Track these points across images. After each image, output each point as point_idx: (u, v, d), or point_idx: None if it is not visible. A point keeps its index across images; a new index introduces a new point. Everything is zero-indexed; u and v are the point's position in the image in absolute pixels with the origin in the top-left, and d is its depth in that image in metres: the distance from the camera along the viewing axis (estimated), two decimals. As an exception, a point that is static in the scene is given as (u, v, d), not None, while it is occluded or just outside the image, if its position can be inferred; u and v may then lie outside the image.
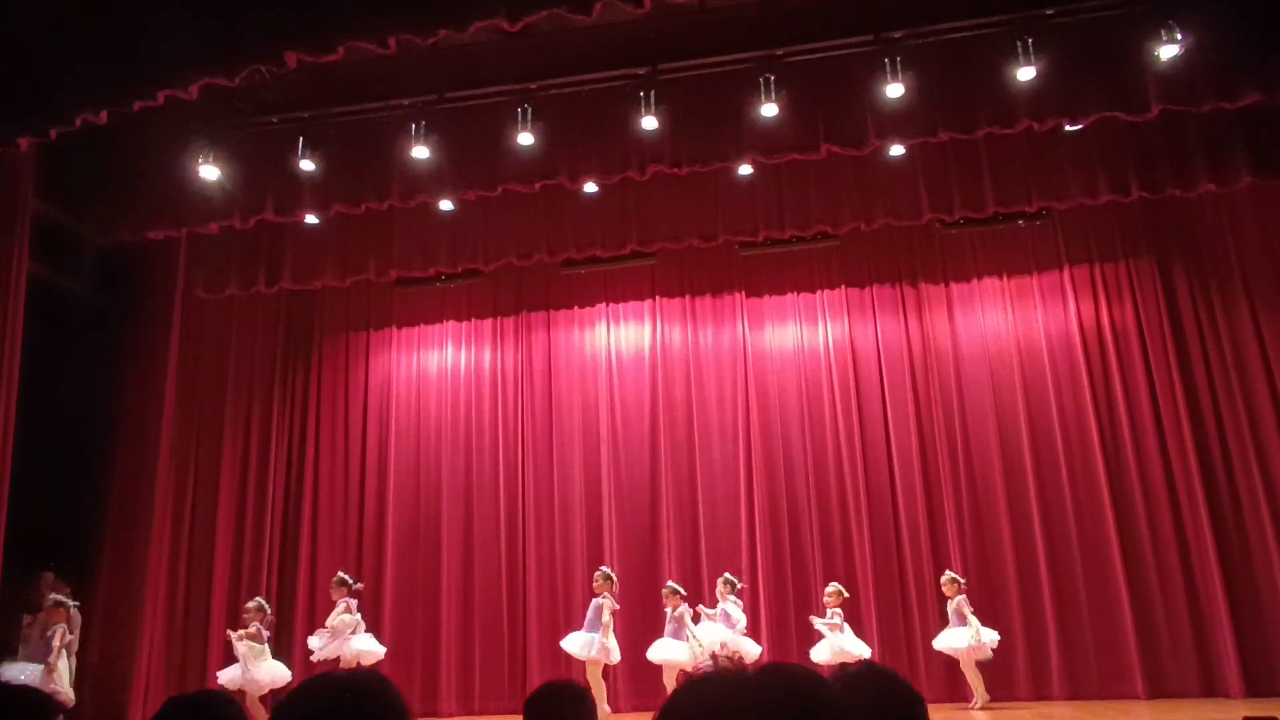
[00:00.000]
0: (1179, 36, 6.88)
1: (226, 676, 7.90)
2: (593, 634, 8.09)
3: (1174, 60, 6.99)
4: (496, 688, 9.43)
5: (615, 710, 8.97)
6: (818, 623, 8.31)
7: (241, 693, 7.67)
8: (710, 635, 8.08)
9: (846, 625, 8.29)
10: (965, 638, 8.08)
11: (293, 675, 8.16)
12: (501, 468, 10.04)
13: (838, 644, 8.09)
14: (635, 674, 8.83)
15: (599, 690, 8.02)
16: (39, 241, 8.08)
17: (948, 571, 8.53)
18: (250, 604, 8.20)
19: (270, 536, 9.83)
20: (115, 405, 8.98)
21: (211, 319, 9.90)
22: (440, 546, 9.82)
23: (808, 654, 8.35)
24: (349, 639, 8.20)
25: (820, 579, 9.19)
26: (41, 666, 6.95)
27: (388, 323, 10.66)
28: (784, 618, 9.10)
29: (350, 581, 8.46)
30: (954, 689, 8.63)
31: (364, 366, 10.57)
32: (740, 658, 7.77)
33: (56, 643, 7.01)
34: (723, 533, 9.47)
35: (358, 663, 8.02)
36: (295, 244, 9.38)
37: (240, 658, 7.86)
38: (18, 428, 7.50)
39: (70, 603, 7.40)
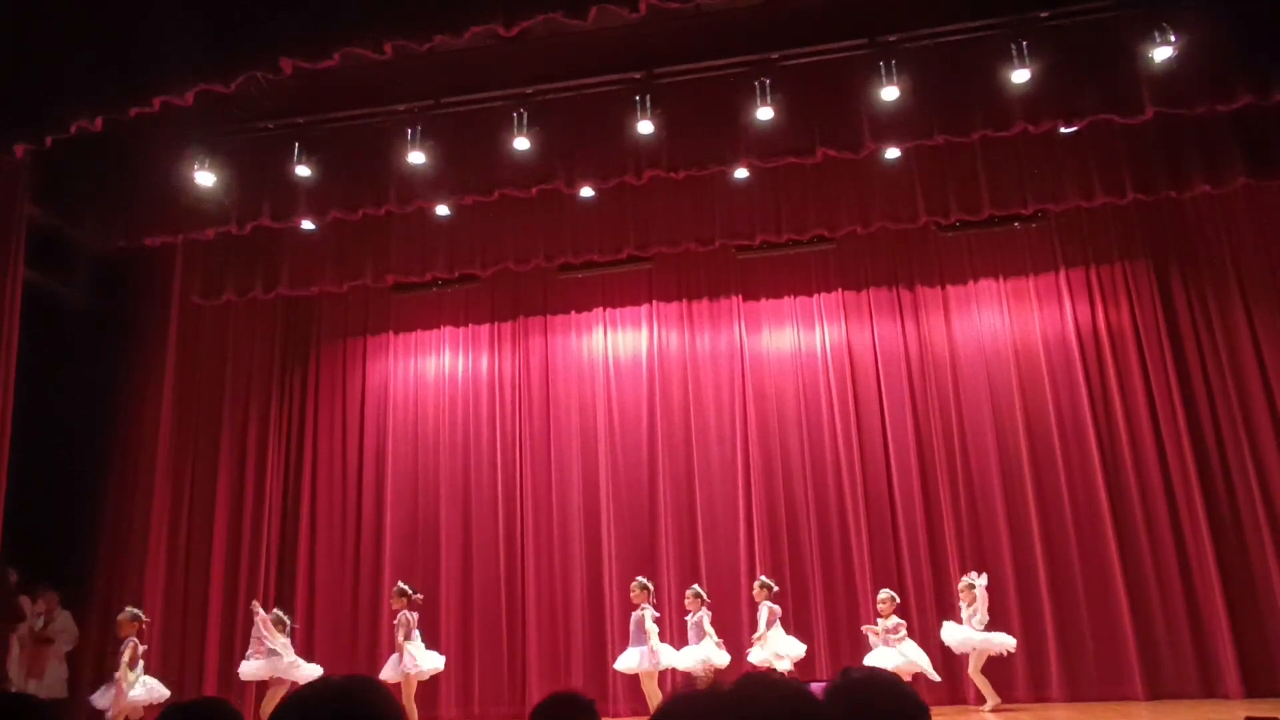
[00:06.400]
0: (1172, 38, 6.89)
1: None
2: (640, 647, 8.12)
3: (1168, 62, 7.00)
4: (496, 692, 9.42)
5: (616, 715, 8.97)
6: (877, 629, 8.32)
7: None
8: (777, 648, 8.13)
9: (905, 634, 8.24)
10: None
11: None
12: (499, 473, 10.03)
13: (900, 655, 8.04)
14: (634, 680, 8.80)
15: (654, 700, 8.07)
16: (35, 248, 8.06)
17: (965, 577, 8.49)
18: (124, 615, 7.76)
19: (268, 543, 9.81)
20: (111, 412, 8.96)
21: (208, 325, 9.88)
22: (439, 552, 9.81)
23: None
24: (406, 652, 8.19)
25: (819, 582, 9.21)
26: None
27: (385, 328, 10.65)
28: (782, 620, 9.08)
29: (410, 592, 8.39)
30: (954, 693, 8.64)
31: (361, 372, 10.56)
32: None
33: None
34: (721, 536, 9.46)
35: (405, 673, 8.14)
36: (292, 250, 9.37)
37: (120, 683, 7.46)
38: (14, 434, 7.48)
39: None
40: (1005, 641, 8.16)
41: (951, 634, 8.24)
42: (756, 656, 8.18)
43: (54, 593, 8.29)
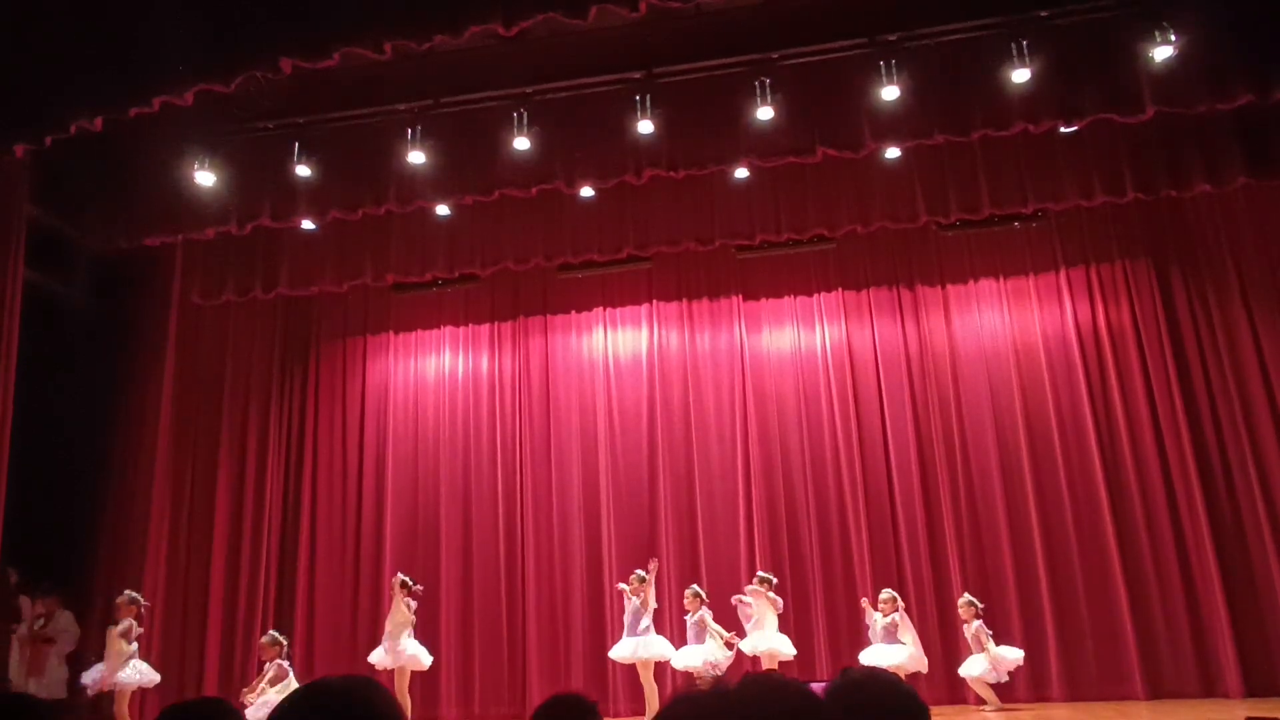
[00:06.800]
0: (1172, 38, 6.89)
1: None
2: (634, 637, 8.13)
3: (1168, 61, 7.01)
4: (496, 692, 9.42)
5: (616, 715, 8.97)
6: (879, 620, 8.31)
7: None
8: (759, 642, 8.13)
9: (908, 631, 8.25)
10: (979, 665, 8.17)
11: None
12: (500, 472, 10.03)
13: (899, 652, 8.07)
14: (634, 679, 8.80)
15: (651, 691, 8.07)
16: (34, 248, 8.07)
17: (965, 594, 8.51)
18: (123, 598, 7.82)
19: (268, 543, 9.81)
20: (111, 412, 8.96)
21: (208, 325, 9.89)
22: (439, 552, 9.81)
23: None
24: (401, 641, 8.14)
25: (819, 580, 9.21)
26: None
27: (385, 328, 10.65)
28: (782, 621, 9.08)
29: (410, 583, 8.35)
30: (954, 693, 8.64)
31: (361, 372, 10.56)
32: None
33: None
34: (721, 536, 9.46)
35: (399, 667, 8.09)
36: (292, 249, 9.38)
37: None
38: (14, 434, 7.48)
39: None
40: (1015, 661, 8.16)
41: (969, 669, 8.24)
42: (748, 646, 8.16)
43: (55, 595, 8.29)
